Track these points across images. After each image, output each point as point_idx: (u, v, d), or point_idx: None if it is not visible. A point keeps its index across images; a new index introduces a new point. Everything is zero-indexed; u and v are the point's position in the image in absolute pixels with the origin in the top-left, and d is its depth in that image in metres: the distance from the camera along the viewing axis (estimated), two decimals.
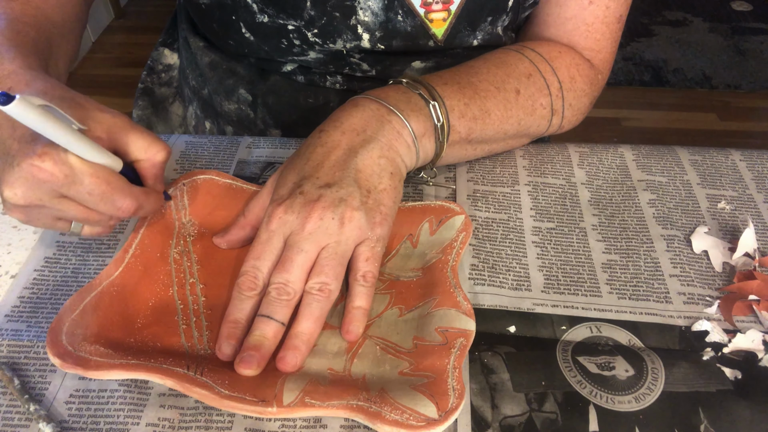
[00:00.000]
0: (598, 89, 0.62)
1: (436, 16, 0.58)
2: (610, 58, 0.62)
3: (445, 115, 0.50)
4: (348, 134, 0.47)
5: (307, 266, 0.43)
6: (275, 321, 0.42)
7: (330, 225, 0.43)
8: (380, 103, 0.49)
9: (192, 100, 0.74)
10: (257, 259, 0.44)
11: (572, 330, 0.45)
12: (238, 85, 0.67)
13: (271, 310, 0.42)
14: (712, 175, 0.58)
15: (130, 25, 2.42)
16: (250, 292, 0.43)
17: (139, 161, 0.44)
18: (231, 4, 0.59)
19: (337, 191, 0.44)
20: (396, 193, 0.47)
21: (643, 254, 0.51)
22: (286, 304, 0.42)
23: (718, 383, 0.42)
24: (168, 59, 0.77)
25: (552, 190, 0.56)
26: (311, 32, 0.58)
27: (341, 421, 0.39)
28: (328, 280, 0.43)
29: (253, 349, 0.41)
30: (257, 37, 0.60)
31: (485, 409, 0.40)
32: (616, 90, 2.07)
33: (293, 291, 0.42)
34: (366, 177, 0.46)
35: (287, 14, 0.57)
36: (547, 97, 0.56)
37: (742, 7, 2.48)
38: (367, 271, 0.44)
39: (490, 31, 0.60)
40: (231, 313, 0.43)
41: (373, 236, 0.45)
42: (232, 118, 0.70)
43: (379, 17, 0.57)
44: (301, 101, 0.66)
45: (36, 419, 0.39)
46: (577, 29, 0.59)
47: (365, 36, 0.58)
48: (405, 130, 0.48)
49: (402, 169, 0.49)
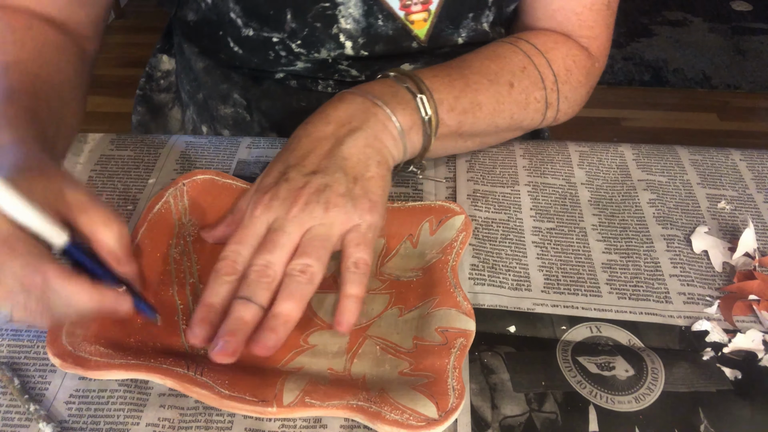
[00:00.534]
0: (594, 79, 0.62)
1: (416, 17, 0.58)
2: (607, 44, 0.62)
3: (434, 108, 0.50)
4: (333, 125, 0.47)
5: (290, 248, 0.42)
6: (254, 304, 0.40)
7: (315, 209, 0.43)
8: (366, 97, 0.49)
9: (188, 105, 0.74)
10: (238, 244, 0.43)
11: (572, 330, 0.45)
12: (233, 90, 0.67)
13: (250, 291, 0.40)
14: (712, 174, 0.58)
15: (130, 26, 2.42)
16: (229, 277, 0.42)
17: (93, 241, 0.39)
18: (217, 20, 0.59)
19: (322, 177, 0.44)
20: (384, 182, 0.47)
21: (643, 254, 0.51)
22: (267, 286, 0.41)
23: (718, 383, 0.42)
24: (166, 65, 0.77)
25: (552, 190, 0.56)
26: (295, 43, 0.58)
27: (341, 421, 0.39)
28: (311, 261, 0.41)
29: (230, 334, 0.39)
30: (245, 50, 0.60)
31: (485, 409, 0.40)
32: (616, 90, 2.07)
33: (274, 273, 0.41)
34: (352, 165, 0.45)
35: (270, 27, 0.57)
36: (541, 90, 0.56)
37: (742, 7, 2.47)
38: (359, 258, 0.43)
39: (474, 28, 0.60)
40: (206, 297, 0.41)
41: (363, 223, 0.44)
42: (229, 122, 0.70)
43: (360, 23, 0.57)
44: (295, 105, 0.66)
45: (36, 419, 0.39)
46: (568, 20, 0.59)
47: (348, 44, 0.58)
48: (390, 123, 0.48)
49: (389, 159, 0.48)
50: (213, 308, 0.41)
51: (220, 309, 0.41)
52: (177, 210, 0.51)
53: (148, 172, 0.57)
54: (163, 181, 0.56)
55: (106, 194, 0.54)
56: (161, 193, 0.51)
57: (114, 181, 0.56)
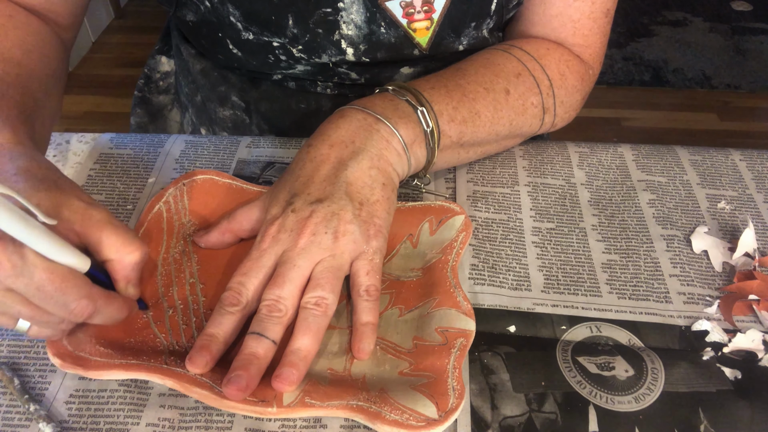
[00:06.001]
0: (589, 84, 0.62)
1: (419, 25, 0.57)
2: (601, 52, 0.62)
3: (434, 120, 0.49)
4: (336, 147, 0.46)
5: (300, 282, 0.42)
6: (266, 339, 0.39)
7: (323, 240, 0.42)
8: (367, 113, 0.48)
9: (187, 107, 0.74)
10: (244, 276, 0.42)
11: (572, 330, 0.45)
12: (231, 92, 0.67)
13: (262, 327, 0.40)
14: (712, 175, 0.58)
15: (130, 26, 2.42)
16: (232, 308, 0.41)
17: (111, 261, 0.40)
18: (216, 22, 0.58)
19: (329, 206, 0.44)
20: (389, 204, 0.46)
21: (643, 254, 0.51)
22: (278, 321, 0.40)
23: (718, 383, 0.42)
24: (165, 67, 0.77)
25: (552, 191, 0.56)
26: (296, 48, 0.58)
27: (341, 421, 0.39)
28: (325, 293, 0.41)
29: (242, 368, 0.38)
30: (244, 53, 0.60)
31: (485, 409, 0.40)
32: (616, 90, 2.07)
33: (285, 308, 0.41)
34: (357, 189, 0.45)
35: (271, 32, 0.57)
36: (537, 95, 0.56)
37: (742, 7, 2.48)
38: (370, 285, 0.43)
39: (475, 36, 0.60)
40: (208, 327, 0.41)
41: (369, 249, 0.44)
42: (228, 124, 0.69)
43: (362, 30, 0.57)
44: (294, 107, 0.66)
45: (36, 419, 0.39)
46: (563, 26, 0.59)
47: (349, 50, 0.58)
48: (394, 138, 0.48)
49: (394, 178, 0.48)
50: (214, 338, 0.40)
51: (221, 339, 0.40)
52: (177, 210, 0.51)
53: (148, 172, 0.57)
54: (162, 181, 0.56)
55: (106, 193, 0.54)
56: (161, 193, 0.51)
57: (113, 181, 0.56)
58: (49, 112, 0.51)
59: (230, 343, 0.41)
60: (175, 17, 0.64)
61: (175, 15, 0.63)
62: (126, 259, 0.40)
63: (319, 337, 0.41)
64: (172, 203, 0.51)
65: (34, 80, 0.49)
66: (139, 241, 0.41)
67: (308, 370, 0.41)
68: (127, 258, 0.40)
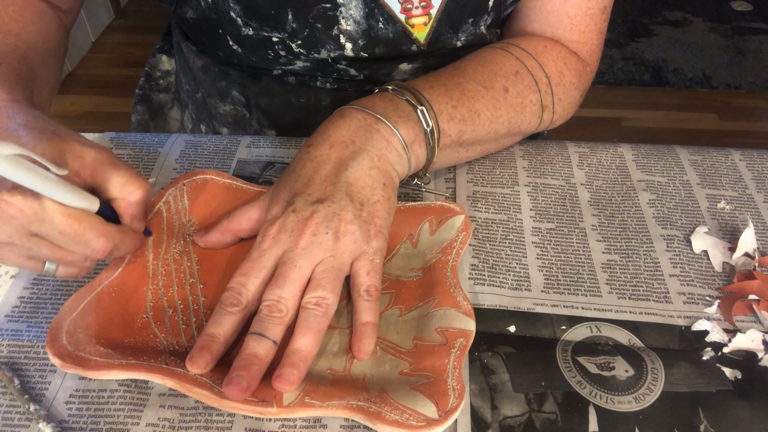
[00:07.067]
0: (587, 81, 0.62)
1: (416, 21, 0.58)
2: (598, 49, 0.62)
3: (434, 119, 0.50)
4: (336, 147, 0.46)
5: (301, 282, 0.42)
6: (267, 339, 0.40)
7: (324, 240, 0.43)
8: (367, 113, 0.48)
9: (187, 104, 0.74)
10: (244, 276, 0.42)
11: (572, 330, 0.45)
12: (231, 87, 0.67)
13: (262, 327, 0.40)
14: (712, 175, 0.58)
15: (130, 25, 2.42)
16: (232, 308, 0.41)
17: (116, 199, 0.42)
18: (216, 18, 0.59)
19: (329, 206, 0.44)
20: (390, 204, 0.46)
21: (643, 254, 0.51)
22: (279, 321, 0.40)
23: (718, 383, 0.42)
24: (165, 65, 0.78)
25: (552, 191, 0.56)
26: (295, 43, 0.58)
27: (341, 421, 0.39)
28: (326, 293, 0.41)
29: (243, 369, 0.38)
30: (244, 48, 0.60)
31: (485, 409, 0.40)
32: (616, 90, 2.07)
33: (286, 308, 0.41)
34: (358, 190, 0.45)
35: (270, 27, 0.57)
36: (536, 93, 0.56)
37: (742, 7, 2.47)
38: (370, 285, 0.43)
39: (473, 32, 0.60)
40: (208, 327, 0.41)
41: (369, 249, 0.44)
42: (228, 119, 0.70)
43: (361, 25, 0.57)
44: (294, 101, 0.66)
45: (36, 419, 0.39)
46: (560, 22, 0.59)
47: (348, 45, 0.58)
48: (394, 138, 0.48)
49: (394, 178, 0.48)
50: (215, 338, 0.40)
51: (221, 339, 0.40)
52: (177, 210, 0.51)
53: (148, 172, 0.57)
54: (163, 181, 0.56)
55: None
56: (161, 193, 0.51)
57: None
58: (47, 83, 0.53)
59: (230, 343, 0.41)
60: (176, 15, 0.64)
61: (176, 13, 0.63)
62: (130, 197, 0.42)
63: (319, 338, 0.41)
64: (172, 203, 0.51)
65: (31, 51, 0.51)
66: (142, 179, 0.43)
67: (308, 370, 0.41)
68: (131, 196, 0.42)
